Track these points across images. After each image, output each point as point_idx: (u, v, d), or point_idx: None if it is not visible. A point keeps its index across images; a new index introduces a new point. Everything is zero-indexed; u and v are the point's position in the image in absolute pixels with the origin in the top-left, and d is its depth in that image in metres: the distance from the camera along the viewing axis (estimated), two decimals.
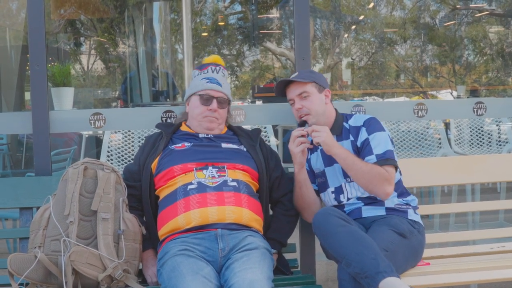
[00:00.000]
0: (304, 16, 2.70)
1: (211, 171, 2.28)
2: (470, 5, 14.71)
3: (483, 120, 4.89)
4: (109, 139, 4.04)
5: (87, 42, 13.61)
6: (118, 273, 2.08)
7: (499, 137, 4.98)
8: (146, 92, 8.49)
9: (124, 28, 10.61)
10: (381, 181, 2.25)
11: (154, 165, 2.36)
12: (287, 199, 2.46)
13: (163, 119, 2.68)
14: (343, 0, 14.75)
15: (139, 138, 4.03)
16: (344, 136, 2.43)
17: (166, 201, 2.27)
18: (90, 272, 2.05)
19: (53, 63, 6.61)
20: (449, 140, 4.74)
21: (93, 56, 14.69)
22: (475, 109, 2.90)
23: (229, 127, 2.55)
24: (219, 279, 2.03)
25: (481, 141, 4.85)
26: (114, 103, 11.68)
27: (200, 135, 2.44)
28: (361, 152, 2.36)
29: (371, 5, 14.93)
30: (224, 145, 2.41)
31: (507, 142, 4.83)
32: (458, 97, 11.57)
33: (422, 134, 4.49)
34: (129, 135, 4.12)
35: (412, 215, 2.36)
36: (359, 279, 2.00)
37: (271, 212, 2.48)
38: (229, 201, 2.19)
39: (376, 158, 2.30)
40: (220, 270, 2.07)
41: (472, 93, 12.99)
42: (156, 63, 9.40)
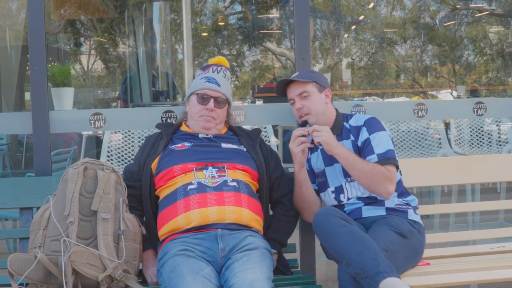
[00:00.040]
0: (304, 16, 2.70)
1: (211, 171, 2.28)
2: (470, 5, 14.70)
3: (483, 120, 4.89)
4: (109, 139, 4.04)
5: (87, 42, 13.60)
6: (118, 273, 2.08)
7: (499, 137, 4.98)
8: (146, 92, 8.49)
9: (124, 28, 10.60)
10: (382, 180, 2.25)
11: (154, 165, 2.36)
12: (287, 199, 2.46)
13: (163, 119, 2.68)
14: (343, 0, 14.74)
15: (139, 138, 4.03)
16: (345, 136, 2.43)
17: (166, 201, 2.27)
18: (90, 272, 2.05)
19: (53, 63, 6.61)
20: (449, 140, 4.73)
21: (93, 56, 14.68)
22: (475, 109, 2.90)
23: (229, 127, 2.55)
24: (219, 279, 2.03)
25: (481, 141, 4.85)
26: (114, 103, 11.66)
27: (200, 135, 2.43)
28: (362, 152, 2.36)
29: (371, 5, 14.92)
30: (224, 145, 2.41)
31: (507, 142, 4.82)
32: (458, 97, 11.56)
33: (422, 134, 4.48)
34: (129, 135, 4.11)
35: (412, 215, 2.36)
36: (359, 279, 2.00)
37: (271, 212, 2.48)
38: (229, 201, 2.19)
39: (378, 157, 2.30)
40: (220, 270, 2.07)
41: (472, 93, 12.98)
42: (156, 63, 9.39)
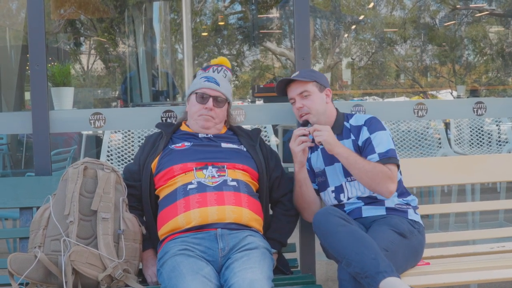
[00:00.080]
0: (304, 16, 2.70)
1: (211, 170, 2.28)
2: (470, 5, 14.69)
3: (483, 120, 4.89)
4: (109, 139, 4.04)
5: (87, 42, 13.60)
6: (118, 272, 2.08)
7: (499, 137, 4.98)
8: (146, 92, 8.49)
9: (124, 28, 10.60)
10: (384, 179, 2.25)
11: (154, 164, 2.36)
12: (287, 199, 2.46)
13: (163, 119, 2.68)
14: (343, 0, 14.73)
15: (139, 138, 4.03)
16: (345, 135, 2.43)
17: (166, 200, 2.27)
18: (90, 272, 2.05)
19: (53, 63, 6.60)
20: (449, 140, 4.73)
21: (93, 56, 14.67)
22: (475, 109, 2.90)
23: (229, 127, 2.54)
24: (219, 278, 2.03)
25: (481, 141, 4.85)
26: (114, 103, 11.66)
27: (200, 135, 2.43)
28: (363, 151, 2.36)
29: (371, 5, 14.91)
30: (224, 145, 2.41)
31: (507, 142, 4.82)
32: (458, 97, 11.55)
33: (422, 134, 4.48)
34: (129, 135, 4.11)
35: (412, 215, 2.36)
36: (359, 279, 2.00)
37: (271, 212, 2.48)
38: (229, 200, 2.19)
39: (379, 156, 2.31)
40: (220, 270, 2.07)
41: (472, 93, 12.96)
42: (156, 63, 9.39)
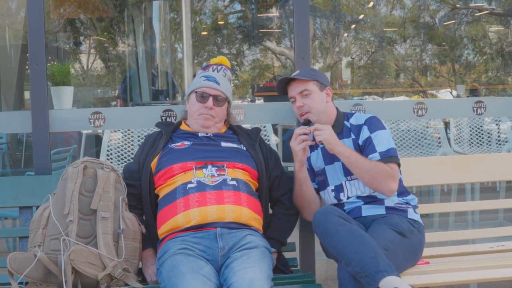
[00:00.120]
0: (303, 15, 2.70)
1: (210, 170, 2.28)
2: (470, 5, 14.69)
3: (482, 119, 4.89)
4: (109, 138, 4.04)
5: (87, 41, 13.59)
6: (118, 272, 2.08)
7: (498, 136, 4.98)
8: (145, 91, 8.49)
9: (123, 27, 10.60)
10: (386, 178, 2.25)
11: (154, 163, 2.36)
12: (287, 198, 2.46)
13: (163, 118, 2.68)
14: None
15: (138, 137, 4.03)
16: (345, 135, 2.43)
17: (165, 200, 2.27)
18: (89, 271, 2.05)
19: (52, 62, 6.60)
20: (448, 139, 4.73)
21: (92, 55, 14.67)
22: (474, 108, 2.90)
23: (229, 126, 2.54)
24: (219, 278, 2.03)
25: (480, 140, 4.85)
26: (114, 102, 11.65)
27: (200, 134, 2.43)
28: (364, 150, 2.36)
29: (370, 4, 14.90)
30: (223, 144, 2.41)
31: (506, 141, 4.82)
32: (458, 96, 11.55)
33: (421, 133, 4.48)
34: (128, 134, 4.11)
35: (412, 214, 2.36)
36: (359, 278, 2.00)
37: (270, 211, 2.48)
38: (228, 200, 2.19)
39: (380, 155, 2.31)
40: (219, 269, 2.07)
41: (472, 92, 12.96)
42: (155, 62, 9.39)
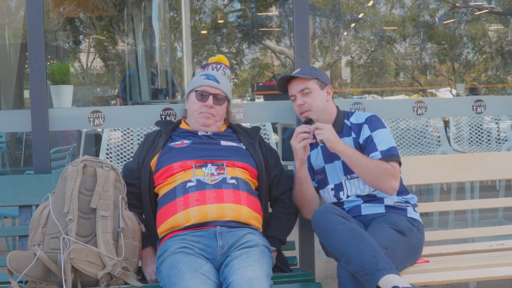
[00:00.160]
0: (303, 14, 2.70)
1: (210, 168, 2.28)
2: (470, 3, 14.69)
3: (482, 118, 4.89)
4: (108, 136, 4.04)
5: (86, 40, 13.60)
6: (117, 270, 2.08)
7: (498, 135, 4.98)
8: (145, 90, 8.49)
9: (123, 26, 10.60)
10: (387, 176, 2.26)
11: (153, 162, 2.36)
12: (287, 197, 2.46)
13: (162, 117, 2.68)
14: None
15: (138, 136, 4.03)
16: (346, 133, 2.43)
17: (165, 198, 2.27)
18: (89, 269, 2.05)
19: (52, 61, 6.59)
20: (448, 138, 4.73)
21: (92, 54, 14.68)
22: (474, 107, 2.90)
23: (228, 125, 2.54)
24: (218, 276, 2.03)
25: (480, 139, 4.85)
26: (113, 101, 11.66)
27: (199, 133, 2.43)
28: (365, 149, 2.37)
29: (370, 3, 14.90)
30: (223, 142, 2.41)
31: (506, 140, 4.83)
32: (458, 95, 11.57)
33: (421, 132, 4.48)
34: (128, 133, 4.11)
35: (411, 213, 2.36)
36: (358, 276, 2.00)
37: (270, 210, 2.48)
38: (228, 198, 2.19)
39: (381, 154, 2.31)
40: (219, 268, 2.07)
41: (472, 91, 12.97)
42: (155, 61, 9.39)
